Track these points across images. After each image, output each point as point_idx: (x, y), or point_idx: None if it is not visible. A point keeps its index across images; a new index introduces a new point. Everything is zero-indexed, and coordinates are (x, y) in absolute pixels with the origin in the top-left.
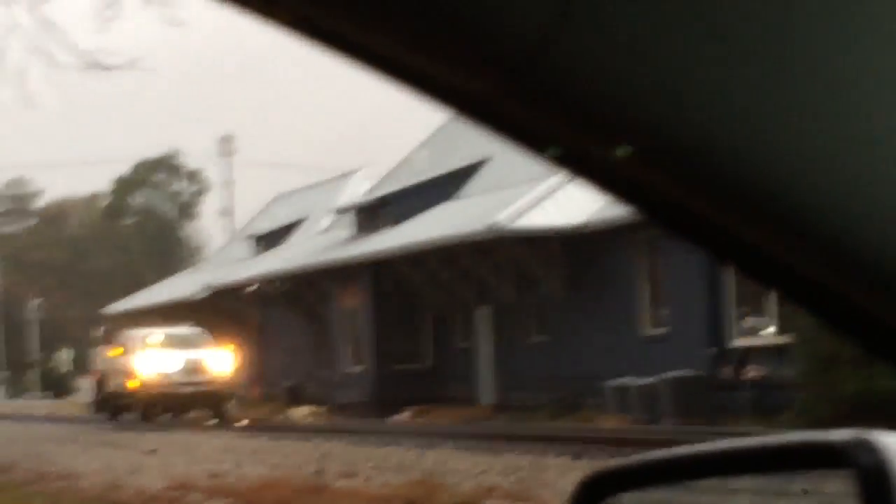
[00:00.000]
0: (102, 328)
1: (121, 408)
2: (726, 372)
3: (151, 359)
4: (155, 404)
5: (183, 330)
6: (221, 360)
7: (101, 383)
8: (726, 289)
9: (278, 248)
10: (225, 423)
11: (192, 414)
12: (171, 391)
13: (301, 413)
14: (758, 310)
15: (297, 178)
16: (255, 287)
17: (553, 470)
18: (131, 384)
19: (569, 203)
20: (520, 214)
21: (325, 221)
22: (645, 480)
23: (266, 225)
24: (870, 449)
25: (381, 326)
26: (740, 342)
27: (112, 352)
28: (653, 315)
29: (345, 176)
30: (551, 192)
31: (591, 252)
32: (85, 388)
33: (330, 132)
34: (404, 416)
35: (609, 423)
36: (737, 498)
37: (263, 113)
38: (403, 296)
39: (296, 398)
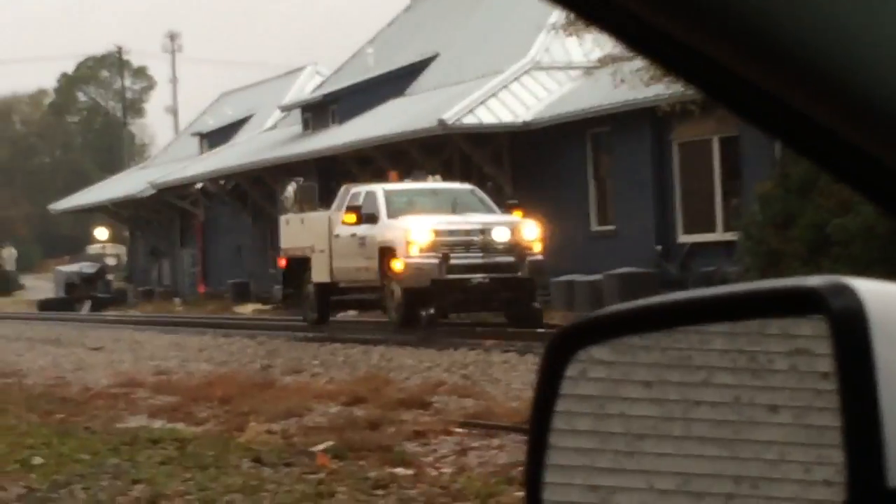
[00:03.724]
0: (292, 185)
1: (338, 306)
2: (672, 268)
3: (418, 228)
4: (424, 301)
5: (445, 185)
6: (525, 232)
7: (293, 269)
8: (674, 185)
9: (224, 145)
10: (534, 326)
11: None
12: (456, 280)
13: (246, 310)
14: (705, 208)
15: (245, 76)
16: (200, 185)
17: (499, 366)
18: (394, 268)
19: (517, 100)
20: (468, 111)
21: (272, 119)
22: (617, 331)
23: (212, 123)
24: (843, 293)
25: None
26: (687, 238)
27: (344, 218)
28: (600, 212)
29: (292, 73)
30: (500, 89)
31: (538, 149)
32: (31, 285)
33: (278, 29)
34: (351, 312)
35: (555, 319)
36: (711, 345)
37: (210, 9)
38: None
39: (241, 296)
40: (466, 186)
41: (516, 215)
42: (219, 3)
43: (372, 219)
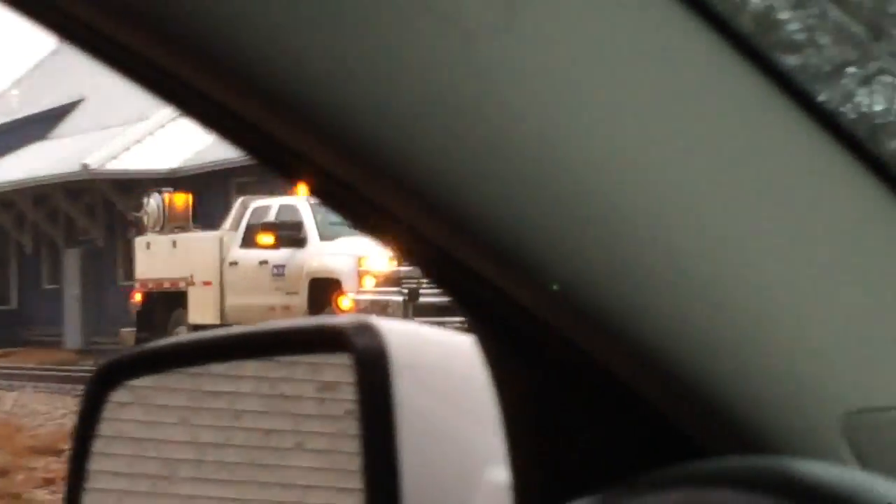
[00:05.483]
0: (155, 196)
1: None
2: None
3: (374, 253)
4: None
5: None
6: None
7: (153, 307)
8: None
9: None
10: None
11: None
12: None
13: None
14: None
15: None
16: None
17: None
18: (339, 307)
19: (163, 147)
20: (113, 157)
21: None
22: (159, 364)
23: None
24: (367, 331)
25: None
26: None
27: (257, 238)
28: None
29: None
30: (145, 136)
31: None
32: None
33: None
34: None
35: None
36: (244, 379)
37: None
38: None
39: None
40: None
41: None
42: None
43: (297, 241)
